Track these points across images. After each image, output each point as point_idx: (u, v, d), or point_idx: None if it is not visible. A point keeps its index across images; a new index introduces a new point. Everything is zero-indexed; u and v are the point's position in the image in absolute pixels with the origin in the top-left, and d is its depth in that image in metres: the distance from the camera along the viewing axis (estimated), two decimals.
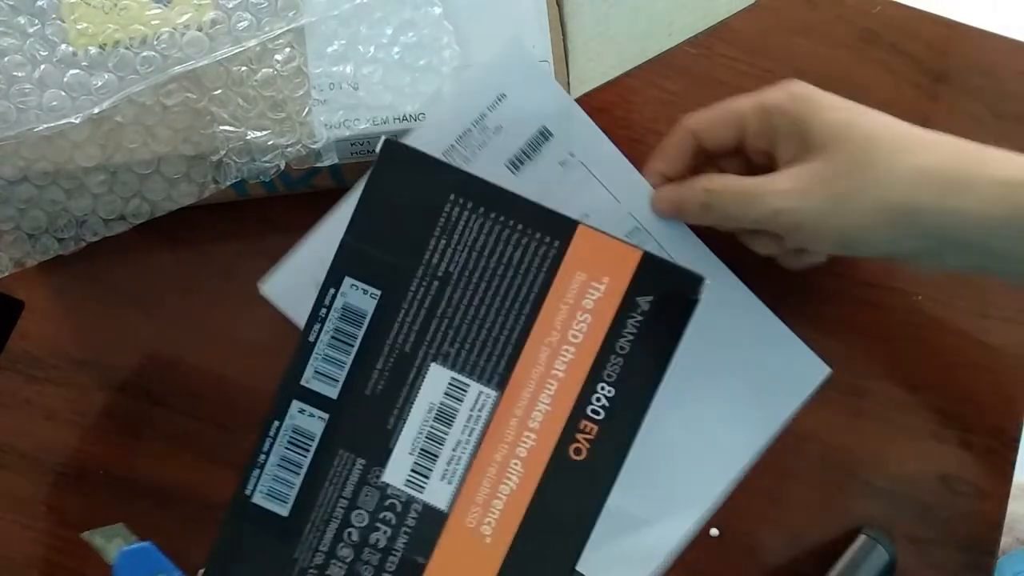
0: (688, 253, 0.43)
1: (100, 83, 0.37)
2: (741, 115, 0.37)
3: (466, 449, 0.28)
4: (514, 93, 0.39)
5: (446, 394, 0.30)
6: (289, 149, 0.38)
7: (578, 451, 0.28)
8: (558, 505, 0.27)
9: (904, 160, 0.34)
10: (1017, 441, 0.44)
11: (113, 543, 0.28)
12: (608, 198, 0.40)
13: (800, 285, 0.43)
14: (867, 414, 0.43)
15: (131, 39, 0.37)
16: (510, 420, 0.28)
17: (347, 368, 0.32)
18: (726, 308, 0.39)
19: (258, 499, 0.31)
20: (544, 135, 0.40)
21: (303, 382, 0.32)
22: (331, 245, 0.39)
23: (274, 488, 0.31)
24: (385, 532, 0.28)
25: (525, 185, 0.40)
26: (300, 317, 0.39)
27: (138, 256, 0.43)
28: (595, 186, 0.41)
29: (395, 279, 0.32)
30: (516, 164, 0.40)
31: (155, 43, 0.37)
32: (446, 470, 0.28)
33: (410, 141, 0.39)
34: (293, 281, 0.39)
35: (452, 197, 0.32)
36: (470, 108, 0.39)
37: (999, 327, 0.44)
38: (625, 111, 0.46)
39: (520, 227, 0.32)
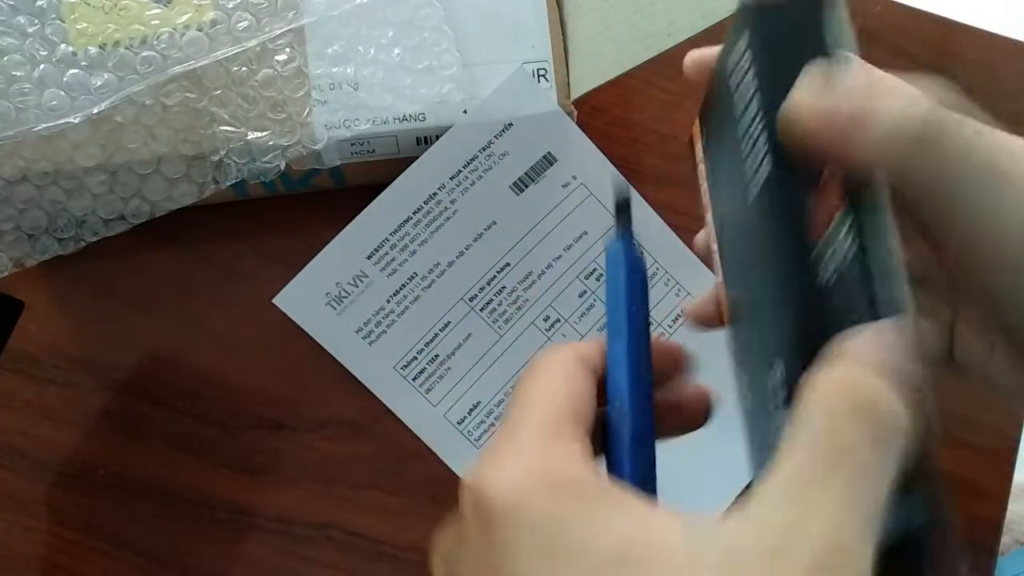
0: (685, 268, 0.43)
1: (100, 83, 0.37)
2: None
3: None
4: (520, 122, 0.40)
5: None
6: (289, 150, 0.38)
7: None
8: None
9: None
10: (1017, 441, 0.44)
11: None
12: (607, 216, 0.42)
13: None
14: None
15: (131, 39, 0.37)
16: None
17: None
18: None
19: None
20: (548, 160, 0.41)
21: None
22: (342, 259, 0.40)
23: None
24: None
25: (527, 204, 0.41)
26: (312, 328, 0.40)
27: (138, 256, 0.43)
28: (595, 205, 0.42)
29: None
30: (520, 186, 0.41)
31: (155, 43, 0.37)
32: None
33: (417, 168, 0.40)
34: (305, 293, 0.40)
35: None
36: (477, 139, 0.40)
37: None
38: (625, 111, 0.46)
39: None
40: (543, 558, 0.18)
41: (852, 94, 0.20)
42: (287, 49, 0.38)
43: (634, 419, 0.22)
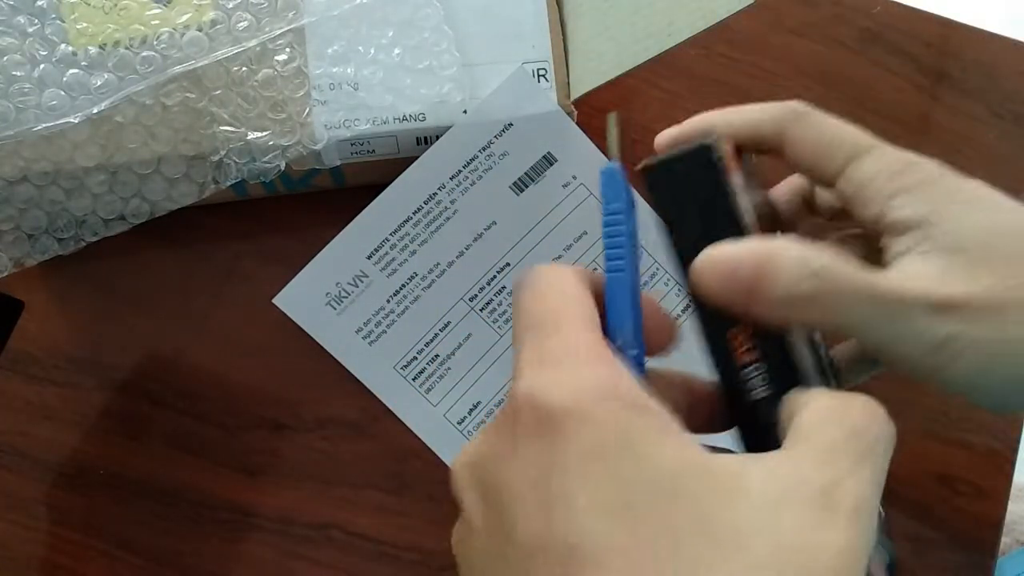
0: None
1: (100, 83, 0.37)
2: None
3: None
4: (520, 122, 0.40)
5: None
6: (289, 150, 0.38)
7: None
8: None
9: None
10: (1017, 441, 0.44)
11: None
12: None
13: None
14: None
15: (131, 39, 0.37)
16: None
17: None
18: None
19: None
20: (548, 160, 0.41)
21: None
22: (342, 259, 0.40)
23: None
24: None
25: (527, 204, 0.41)
26: (312, 327, 0.40)
27: (138, 256, 0.43)
28: (595, 205, 0.42)
29: None
30: (520, 186, 0.41)
31: (155, 43, 0.37)
32: None
33: (417, 168, 0.40)
34: (305, 293, 0.40)
35: None
36: (477, 139, 0.40)
37: None
38: (625, 111, 0.46)
39: None
40: (608, 463, 0.19)
41: (750, 259, 0.23)
42: (287, 49, 0.38)
43: (640, 349, 0.23)
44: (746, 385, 0.24)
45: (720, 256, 0.23)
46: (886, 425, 0.21)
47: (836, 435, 0.20)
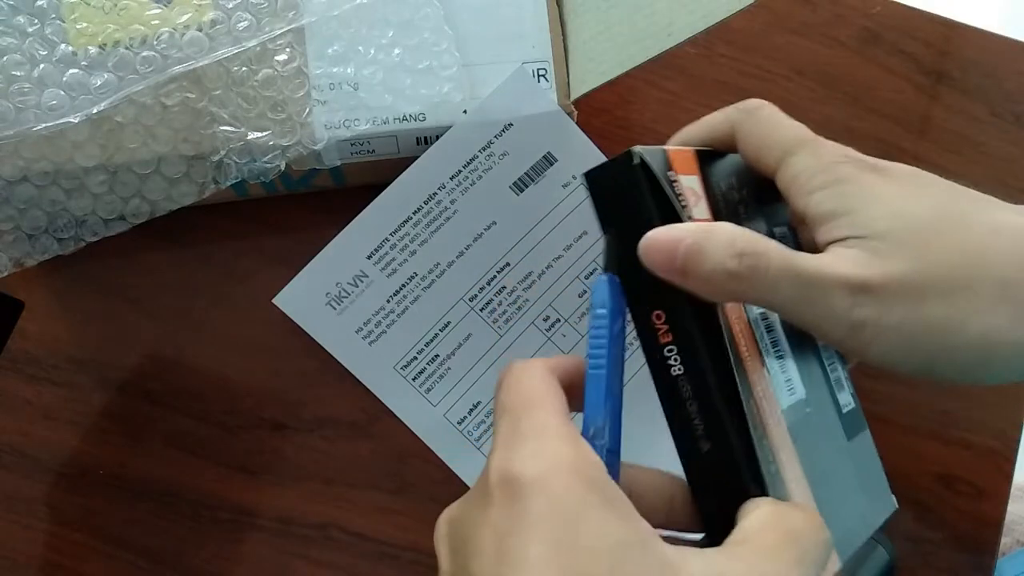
0: None
1: (100, 83, 0.37)
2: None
3: None
4: (520, 122, 0.40)
5: None
6: (289, 150, 0.38)
7: None
8: None
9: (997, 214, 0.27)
10: (1017, 441, 0.44)
11: None
12: None
13: None
14: (867, 414, 0.43)
15: (131, 39, 0.37)
16: None
17: None
18: None
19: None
20: (548, 160, 0.41)
21: None
22: (342, 259, 0.40)
23: None
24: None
25: (527, 204, 0.41)
26: (312, 328, 0.40)
27: (138, 256, 0.43)
28: None
29: None
30: (520, 186, 0.41)
31: (155, 43, 0.37)
32: None
33: (417, 168, 0.40)
34: (305, 293, 0.40)
35: None
36: (477, 139, 0.40)
37: None
38: (625, 111, 0.46)
39: None
40: (559, 528, 0.21)
41: (685, 238, 0.25)
42: (287, 49, 0.38)
43: (609, 440, 0.25)
44: (666, 363, 0.26)
45: (661, 235, 0.26)
46: (822, 532, 0.23)
47: (773, 539, 0.22)
